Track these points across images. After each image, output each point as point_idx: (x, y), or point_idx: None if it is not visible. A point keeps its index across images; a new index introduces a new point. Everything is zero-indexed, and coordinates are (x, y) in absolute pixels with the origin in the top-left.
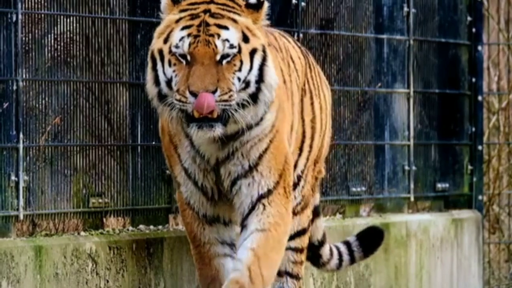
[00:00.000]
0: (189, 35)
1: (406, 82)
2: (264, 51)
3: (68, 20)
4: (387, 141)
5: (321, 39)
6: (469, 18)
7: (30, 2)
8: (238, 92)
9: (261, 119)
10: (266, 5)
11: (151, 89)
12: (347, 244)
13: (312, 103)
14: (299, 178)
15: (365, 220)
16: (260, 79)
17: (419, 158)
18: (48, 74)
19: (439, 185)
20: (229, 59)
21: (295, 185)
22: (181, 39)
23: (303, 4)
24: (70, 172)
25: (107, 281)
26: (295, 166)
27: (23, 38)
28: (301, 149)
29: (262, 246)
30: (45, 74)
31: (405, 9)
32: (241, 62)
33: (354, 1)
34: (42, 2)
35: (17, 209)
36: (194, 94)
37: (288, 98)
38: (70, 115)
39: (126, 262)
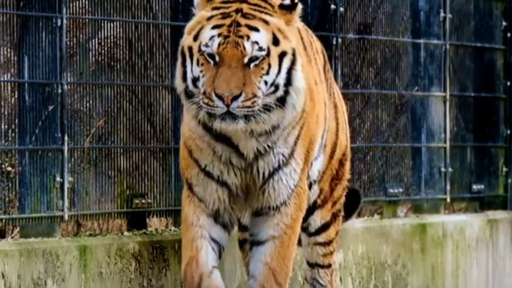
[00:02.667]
0: (219, 35)
1: (442, 86)
2: (294, 54)
3: (112, 24)
4: (423, 143)
5: (359, 43)
6: (504, 23)
7: (74, 7)
8: (266, 95)
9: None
10: (299, 6)
11: (179, 84)
12: None
13: (329, 101)
14: (319, 175)
15: (402, 220)
16: (289, 82)
17: (455, 160)
18: (92, 77)
19: (474, 187)
20: (257, 62)
21: (314, 181)
22: (211, 38)
23: (341, 9)
24: (114, 173)
25: (150, 280)
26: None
27: (68, 43)
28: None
29: (276, 257)
30: (89, 78)
31: (442, 14)
32: (269, 65)
33: (392, 6)
34: (87, 7)
35: (62, 210)
36: (220, 97)
37: (316, 98)
38: (114, 118)
39: (168, 261)
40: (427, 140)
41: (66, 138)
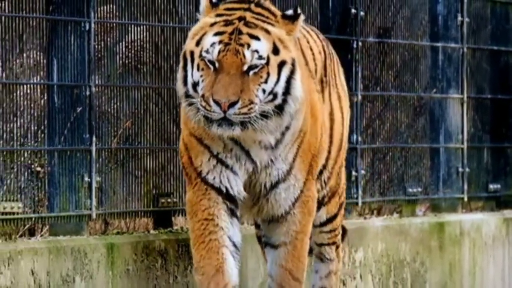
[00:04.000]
0: (220, 42)
1: (460, 88)
2: (293, 64)
3: (139, 28)
4: (441, 144)
5: (379, 47)
6: None
7: (102, 12)
8: (264, 103)
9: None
10: (302, 17)
11: (180, 88)
12: None
13: (330, 95)
14: (322, 169)
15: (421, 219)
16: (287, 91)
17: (472, 160)
18: (120, 80)
19: (491, 186)
20: (256, 70)
21: (319, 175)
22: (212, 44)
23: (362, 13)
24: (140, 173)
25: (176, 277)
26: (328, 156)
27: (96, 46)
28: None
29: (291, 259)
30: (117, 80)
31: (459, 18)
32: (268, 74)
33: (411, 11)
34: (114, 11)
35: (90, 209)
36: (218, 103)
37: (314, 90)
38: (141, 119)
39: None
40: (445, 141)
41: (94, 139)
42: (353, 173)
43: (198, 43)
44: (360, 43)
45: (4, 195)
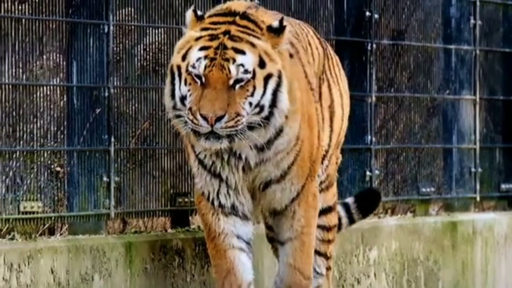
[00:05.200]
0: (205, 57)
1: (472, 89)
2: (279, 76)
3: (157, 31)
4: (454, 144)
5: (393, 49)
6: None
7: (121, 15)
8: (251, 115)
9: (281, 130)
10: (287, 30)
11: (167, 101)
12: (346, 206)
13: (330, 90)
14: (323, 157)
15: (434, 218)
16: (273, 104)
17: (484, 160)
18: (138, 81)
19: (503, 186)
20: (242, 83)
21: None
22: (198, 59)
23: (376, 16)
24: (158, 173)
25: (193, 276)
26: (329, 143)
27: (115, 48)
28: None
29: (299, 256)
30: (135, 82)
31: (472, 21)
32: (254, 87)
33: (424, 13)
34: (132, 14)
35: (109, 208)
36: (205, 118)
37: (308, 89)
38: (158, 120)
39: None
40: (457, 141)
41: (112, 139)
42: (368, 173)
43: (184, 58)
44: (374, 45)
45: (24, 195)
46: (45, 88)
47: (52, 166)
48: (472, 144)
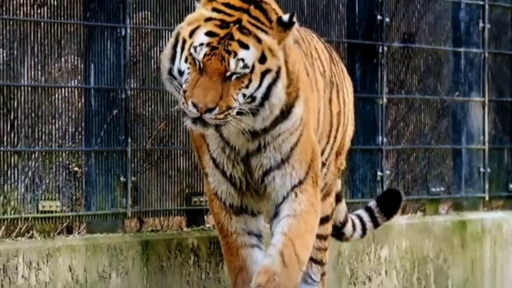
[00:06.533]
0: (208, 44)
1: (481, 91)
2: (277, 72)
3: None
4: (463, 145)
5: (404, 52)
6: None
7: (138, 18)
8: (241, 104)
9: (289, 112)
10: (295, 26)
11: (165, 63)
12: (369, 210)
13: (338, 96)
14: (322, 165)
15: (443, 217)
16: (266, 97)
17: (493, 161)
18: (154, 83)
19: (511, 186)
20: (239, 75)
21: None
22: (201, 44)
23: (387, 19)
24: (174, 173)
25: (208, 273)
26: (322, 153)
27: (131, 51)
28: (328, 137)
29: (295, 229)
30: (151, 84)
31: (481, 24)
32: (250, 80)
33: (434, 17)
34: (149, 18)
35: (125, 207)
36: (195, 105)
37: (312, 89)
38: (174, 121)
39: None
40: (467, 142)
41: (129, 140)
42: (378, 173)
43: (191, 35)
44: (385, 48)
45: (43, 194)
46: (63, 90)
47: (70, 166)
48: (481, 144)
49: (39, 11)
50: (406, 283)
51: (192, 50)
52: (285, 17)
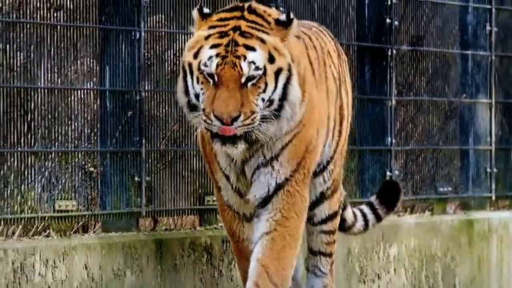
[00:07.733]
0: (217, 55)
1: (488, 93)
2: (289, 69)
3: (186, 37)
4: (471, 146)
5: (412, 54)
6: None
7: (152, 21)
8: (263, 110)
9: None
10: (295, 22)
11: (181, 98)
12: (370, 204)
13: (340, 90)
14: (328, 161)
15: (451, 216)
16: (284, 97)
17: (500, 161)
18: (168, 85)
19: None
20: (254, 81)
21: (324, 168)
22: (210, 58)
23: (396, 23)
24: (187, 173)
25: (220, 272)
26: (336, 148)
27: (146, 54)
28: (333, 133)
29: (269, 252)
30: (165, 86)
31: (488, 27)
32: (266, 84)
33: (442, 20)
34: (163, 21)
35: (140, 207)
36: (219, 119)
37: (317, 85)
38: (187, 123)
39: None
40: (474, 143)
41: (143, 141)
42: (388, 173)
43: (196, 56)
44: (394, 51)
45: (59, 194)
46: (79, 92)
47: (86, 167)
48: (488, 145)
49: (55, 14)
50: (414, 280)
51: (202, 67)
52: (283, 17)
